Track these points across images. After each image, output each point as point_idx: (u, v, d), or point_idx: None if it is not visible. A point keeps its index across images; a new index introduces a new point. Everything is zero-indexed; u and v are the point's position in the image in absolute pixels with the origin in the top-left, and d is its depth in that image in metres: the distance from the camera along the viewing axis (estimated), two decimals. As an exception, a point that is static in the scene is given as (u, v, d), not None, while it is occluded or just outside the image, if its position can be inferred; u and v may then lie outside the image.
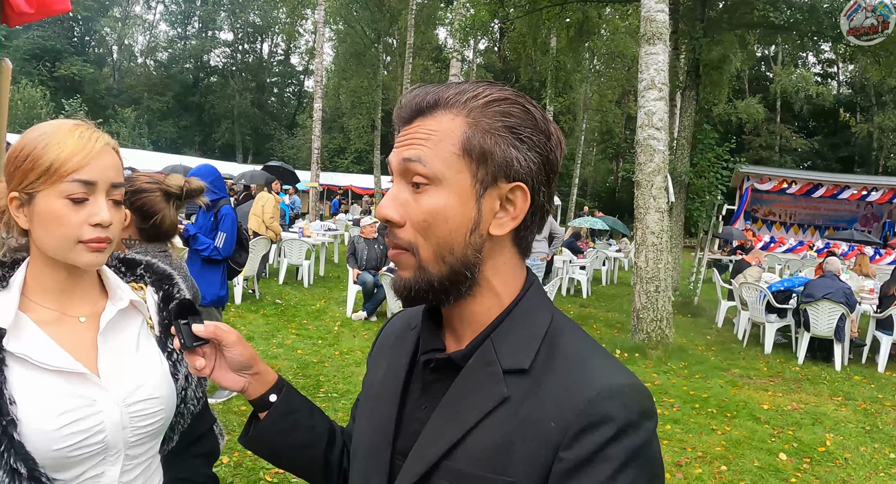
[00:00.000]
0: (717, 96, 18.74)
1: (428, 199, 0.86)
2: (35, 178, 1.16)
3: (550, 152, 0.89)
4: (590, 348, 0.89)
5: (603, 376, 0.83)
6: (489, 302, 0.92)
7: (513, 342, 0.88)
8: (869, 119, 37.95)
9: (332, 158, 43.88)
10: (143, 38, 57.74)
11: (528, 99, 0.90)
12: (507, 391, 0.85)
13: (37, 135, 1.18)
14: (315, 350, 7.56)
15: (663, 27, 8.27)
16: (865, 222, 23.34)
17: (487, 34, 21.67)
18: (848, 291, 8.39)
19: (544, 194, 0.90)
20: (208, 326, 1.08)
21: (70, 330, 1.23)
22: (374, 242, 9.68)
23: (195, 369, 1.09)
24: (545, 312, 0.92)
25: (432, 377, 0.95)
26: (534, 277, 0.96)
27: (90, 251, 1.18)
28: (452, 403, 0.89)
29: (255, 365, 1.11)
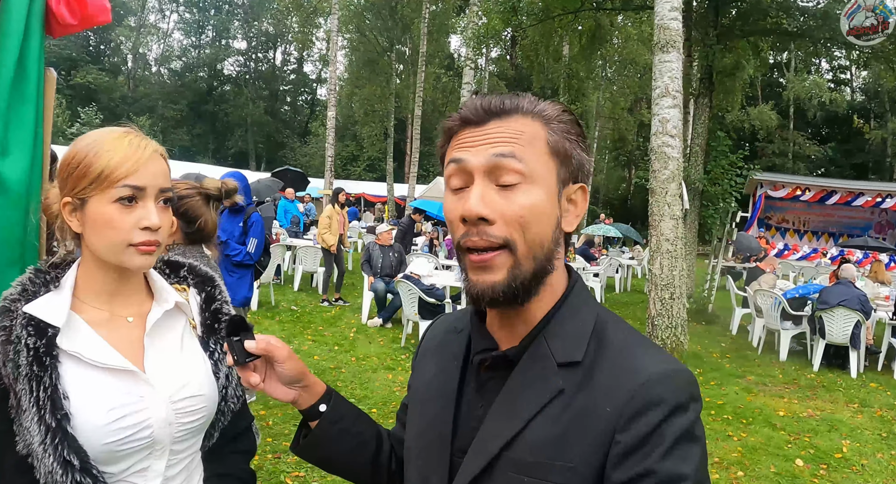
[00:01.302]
0: (730, 103, 18.73)
1: (523, 196, 0.90)
2: (87, 183, 1.21)
3: (589, 157, 0.99)
4: (635, 339, 0.95)
5: (652, 363, 0.89)
6: (547, 298, 0.97)
7: (564, 337, 0.94)
8: (883, 125, 37.72)
9: (345, 166, 44.02)
10: (157, 46, 58.29)
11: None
12: (561, 383, 0.90)
13: (88, 142, 1.24)
14: (331, 356, 7.63)
15: (677, 35, 8.30)
16: (880, 229, 23.17)
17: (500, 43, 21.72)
18: (863, 297, 8.37)
19: (586, 195, 0.99)
20: (260, 343, 1.11)
21: (119, 330, 1.28)
22: (390, 250, 9.74)
23: (249, 384, 1.13)
24: (591, 306, 0.99)
25: (487, 376, 1.00)
26: (578, 276, 1.02)
27: (140, 254, 1.23)
28: (509, 397, 0.94)
29: (305, 378, 1.16)
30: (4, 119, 1.91)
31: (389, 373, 7.12)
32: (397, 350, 8.12)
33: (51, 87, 2.10)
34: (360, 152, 42.61)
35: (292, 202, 15.88)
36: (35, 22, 1.99)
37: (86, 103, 41.45)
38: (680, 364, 0.92)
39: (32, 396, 1.15)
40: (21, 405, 1.16)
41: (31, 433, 1.15)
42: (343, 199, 11.19)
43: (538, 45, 20.27)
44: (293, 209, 15.67)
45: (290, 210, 15.57)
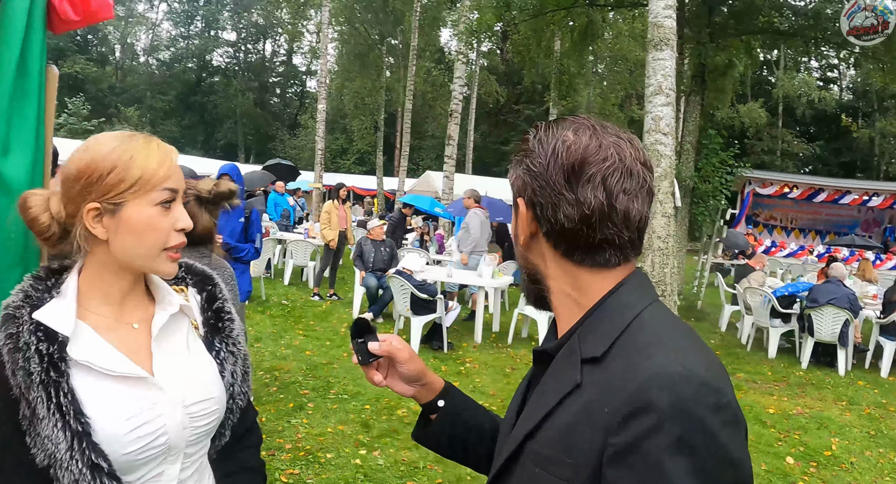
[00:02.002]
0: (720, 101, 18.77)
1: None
2: (125, 188, 1.19)
3: (539, 167, 0.99)
4: (666, 336, 0.90)
5: (659, 363, 0.83)
6: (568, 304, 1.02)
7: (594, 334, 0.95)
8: (870, 124, 37.95)
9: (335, 159, 43.89)
10: (145, 36, 57.89)
11: (541, 125, 1.04)
12: (579, 378, 0.91)
13: (113, 147, 1.21)
14: (323, 351, 7.62)
15: (671, 33, 8.30)
16: (866, 227, 23.34)
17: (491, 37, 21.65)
18: (852, 296, 8.44)
19: (544, 205, 0.99)
20: (383, 345, 1.22)
21: (125, 336, 1.27)
22: (382, 245, 9.72)
23: (373, 382, 1.25)
24: (636, 304, 0.96)
25: (539, 369, 1.06)
26: (630, 280, 1.00)
27: (170, 261, 1.26)
28: (541, 389, 1.00)
29: (424, 376, 1.28)
30: (6, 117, 1.88)
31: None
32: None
33: (52, 84, 2.07)
34: (349, 145, 42.45)
35: (282, 195, 15.80)
36: (37, 18, 1.96)
37: (73, 94, 41.04)
38: (700, 367, 0.84)
39: (52, 403, 1.13)
40: (37, 414, 1.13)
41: (55, 441, 1.13)
42: (344, 195, 11.14)
43: (530, 41, 20.21)
44: (283, 202, 15.59)
45: (280, 203, 15.49)
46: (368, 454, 4.80)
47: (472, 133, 34.91)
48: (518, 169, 1.03)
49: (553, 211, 0.97)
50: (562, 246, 1.00)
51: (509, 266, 10.76)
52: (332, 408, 5.76)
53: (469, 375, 7.19)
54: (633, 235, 0.99)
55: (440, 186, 18.98)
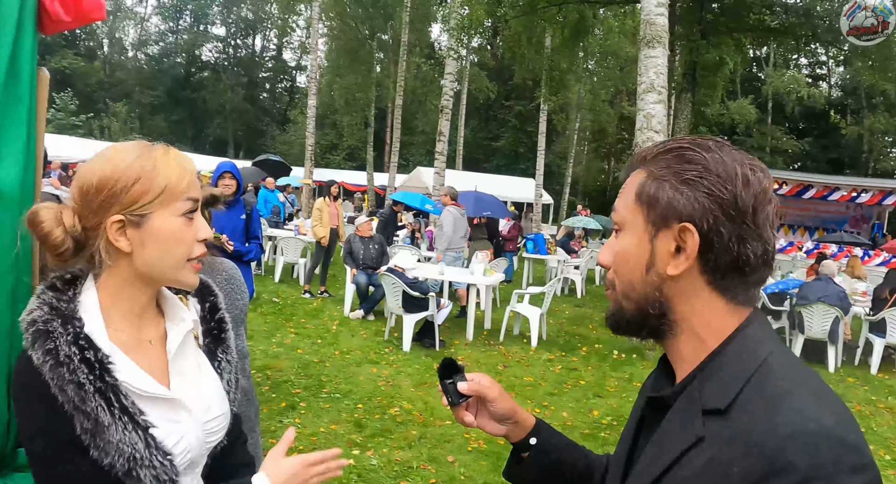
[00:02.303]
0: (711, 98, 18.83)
1: (618, 242, 0.99)
2: (151, 198, 1.18)
3: (727, 193, 0.89)
4: (797, 387, 0.83)
5: (795, 420, 0.77)
6: (694, 343, 0.94)
7: (717, 382, 0.87)
8: (859, 121, 38.13)
9: (325, 155, 43.76)
10: (134, 31, 57.51)
11: (712, 145, 0.93)
12: (702, 431, 0.84)
13: (135, 157, 1.20)
14: (315, 350, 7.59)
15: (663, 31, 8.31)
16: (855, 224, 23.45)
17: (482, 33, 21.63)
18: (842, 294, 8.49)
19: (729, 236, 0.89)
20: (472, 386, 1.21)
21: (145, 354, 1.25)
22: (370, 241, 9.69)
23: (463, 423, 1.24)
24: (761, 350, 0.89)
25: (654, 417, 0.99)
26: (755, 320, 0.94)
27: (194, 271, 1.26)
28: (658, 440, 0.93)
29: (515, 415, 1.25)
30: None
31: (374, 367, 7.10)
32: (380, 343, 8.09)
33: (44, 88, 2.04)
34: (339, 141, 42.36)
35: (272, 192, 15.73)
36: (28, 19, 1.92)
37: (61, 89, 40.77)
38: (839, 423, 0.78)
39: (115, 408, 1.13)
40: (101, 423, 1.11)
41: (131, 442, 1.13)
42: (336, 192, 11.09)
43: (520, 37, 20.20)
44: (273, 199, 15.52)
45: (270, 200, 15.42)
46: (362, 454, 4.79)
47: (463, 129, 34.86)
48: (691, 191, 0.90)
49: (739, 244, 0.89)
50: (722, 282, 0.92)
51: (500, 263, 10.77)
52: (325, 407, 5.74)
53: (461, 373, 7.18)
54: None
55: (431, 182, 18.95)
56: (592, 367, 7.78)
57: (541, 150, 25.80)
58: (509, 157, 42.10)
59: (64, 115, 38.47)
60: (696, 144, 0.93)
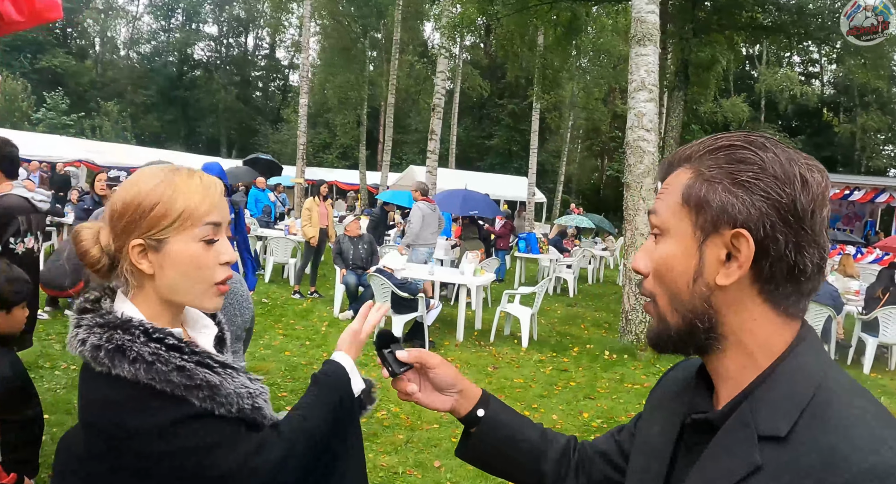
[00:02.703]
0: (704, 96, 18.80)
1: (659, 248, 0.90)
2: (169, 223, 1.20)
3: (785, 196, 0.81)
4: (863, 414, 0.77)
5: (869, 450, 0.72)
6: (742, 360, 0.87)
7: (772, 405, 0.81)
8: (852, 119, 38.27)
9: (318, 154, 43.67)
10: (125, 30, 57.28)
11: (766, 143, 0.86)
12: (760, 459, 0.78)
13: (157, 183, 1.22)
14: (303, 352, 7.50)
15: (654, 28, 8.25)
16: (847, 221, 23.50)
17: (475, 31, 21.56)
18: (835, 293, 8.44)
19: (786, 243, 0.82)
20: (412, 352, 1.19)
21: None
22: (359, 241, 9.60)
23: (406, 395, 1.20)
24: (816, 371, 0.83)
25: (695, 439, 0.91)
26: (807, 335, 0.87)
27: (218, 295, 1.26)
28: (707, 465, 0.85)
29: (459, 382, 1.20)
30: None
31: (362, 369, 6.91)
32: (369, 345, 7.88)
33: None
34: (332, 140, 42.30)
35: (263, 191, 15.63)
36: (-22, 17, 1.83)
37: (52, 88, 40.63)
38: None
39: (216, 366, 1.21)
40: (213, 384, 1.19)
41: (242, 383, 1.24)
42: (325, 191, 11.00)
43: (513, 35, 20.15)
44: (264, 199, 15.43)
45: (260, 199, 15.33)
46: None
47: (456, 127, 34.80)
48: (747, 194, 0.82)
49: (796, 252, 0.82)
50: (775, 292, 0.84)
51: (491, 263, 10.70)
52: (311, 410, 5.65)
53: (451, 374, 7.10)
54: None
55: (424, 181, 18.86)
56: (583, 368, 7.71)
57: (533, 148, 25.75)
58: (503, 155, 42.09)
59: (55, 114, 38.31)
60: (750, 142, 0.86)
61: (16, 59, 43.40)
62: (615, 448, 1.18)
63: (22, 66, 43.35)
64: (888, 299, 8.45)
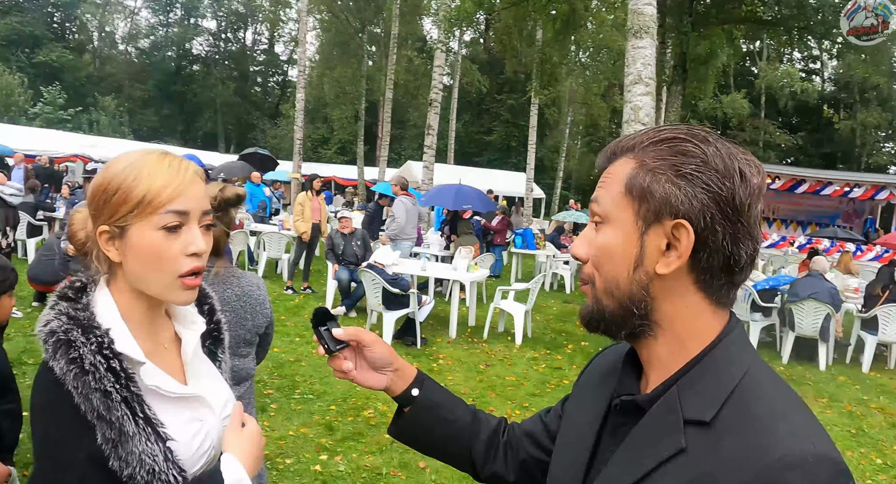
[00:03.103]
0: (703, 92, 18.64)
1: (600, 236, 0.92)
2: (128, 210, 1.13)
3: (725, 189, 0.83)
4: (785, 406, 0.81)
5: (789, 441, 0.75)
6: (673, 346, 0.90)
7: (698, 392, 0.84)
8: (852, 116, 38.12)
9: (316, 149, 43.54)
10: (124, 24, 57.02)
11: (708, 137, 0.88)
12: (684, 442, 0.81)
13: (124, 166, 1.16)
14: (292, 348, 7.37)
15: (651, 21, 8.10)
16: (847, 218, 23.38)
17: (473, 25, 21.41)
18: (834, 291, 8.30)
19: (724, 235, 0.84)
20: (348, 329, 1.17)
21: (163, 358, 1.25)
22: (352, 237, 9.46)
23: (342, 372, 1.17)
24: (742, 361, 0.86)
25: (621, 420, 0.94)
26: (735, 326, 0.90)
27: (185, 289, 1.18)
28: (632, 446, 0.88)
29: (395, 361, 1.20)
30: None
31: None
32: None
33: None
34: (330, 135, 42.14)
35: (258, 186, 15.47)
36: None
37: (49, 82, 40.44)
38: (831, 448, 0.77)
39: (140, 418, 1.12)
40: (125, 432, 1.10)
41: (152, 453, 1.12)
42: (318, 186, 10.84)
43: (511, 29, 20.04)
44: (259, 194, 15.28)
45: (256, 194, 15.17)
46: (330, 460, 4.57)
47: (454, 123, 34.64)
48: (689, 186, 0.84)
49: (733, 244, 0.85)
50: (710, 282, 0.87)
51: (486, 258, 10.57)
52: (297, 409, 5.53)
53: (441, 372, 6.98)
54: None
55: (420, 176, 18.73)
56: (577, 366, 7.58)
57: (531, 143, 25.62)
58: (501, 151, 41.96)
59: (52, 109, 38.16)
60: (692, 135, 0.88)
61: (13, 53, 43.21)
62: (542, 429, 1.22)
63: (19, 61, 43.16)
64: (888, 297, 8.31)
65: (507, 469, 1.22)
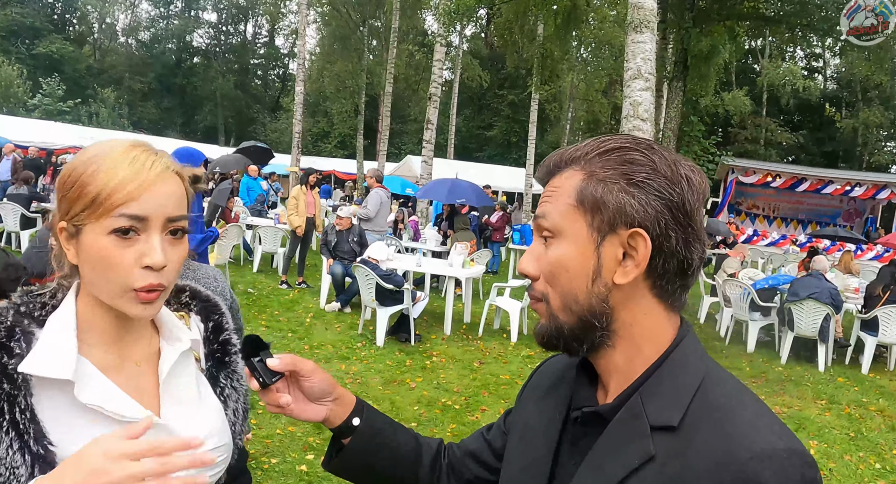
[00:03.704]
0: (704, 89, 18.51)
1: (552, 251, 0.90)
2: (80, 209, 0.99)
3: (676, 195, 0.85)
4: (746, 405, 0.83)
5: (759, 438, 0.77)
6: (631, 353, 0.89)
7: (662, 397, 0.84)
8: (854, 115, 37.95)
9: (316, 143, 43.43)
10: (124, 16, 56.85)
11: (652, 145, 0.88)
12: (653, 449, 0.81)
13: (87, 158, 1.02)
14: (285, 344, 7.28)
15: (651, 15, 7.98)
16: (848, 218, 23.31)
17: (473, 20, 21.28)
18: (834, 291, 8.21)
19: (677, 239, 0.85)
20: (284, 359, 1.05)
21: (130, 376, 1.10)
22: (348, 234, 9.35)
23: (278, 407, 1.07)
24: (699, 364, 0.87)
25: (581, 431, 0.93)
26: (688, 329, 0.91)
27: (140, 302, 1.01)
28: (599, 457, 0.87)
29: (334, 390, 1.12)
30: None
31: (343, 363, 6.80)
32: (354, 338, 7.79)
33: None
34: (330, 129, 42.03)
35: (255, 180, 15.37)
36: None
37: (49, 74, 40.34)
38: (796, 441, 0.79)
39: (4, 420, 0.94)
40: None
41: (13, 464, 0.93)
42: (313, 181, 10.72)
43: (512, 24, 19.88)
44: (256, 187, 15.17)
45: (253, 188, 15.07)
46: (316, 460, 4.47)
47: (455, 117, 34.52)
48: (643, 194, 0.85)
49: (685, 248, 0.86)
50: (666, 288, 0.88)
51: (483, 254, 10.48)
52: (286, 406, 5.44)
53: (434, 369, 6.89)
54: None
55: (419, 171, 18.64)
56: (573, 364, 7.49)
57: (532, 139, 25.52)
58: (502, 146, 41.84)
59: (51, 100, 38.05)
60: (638, 143, 0.89)
61: (13, 44, 43.08)
62: (485, 447, 1.18)
63: (19, 52, 43.03)
64: (888, 298, 8.21)
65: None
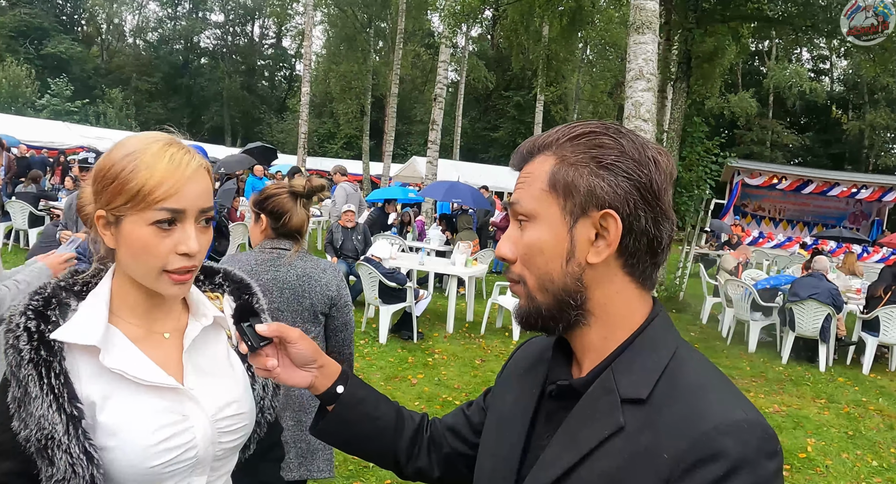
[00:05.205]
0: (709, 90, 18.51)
1: (527, 234, 0.95)
2: (123, 202, 1.12)
3: (644, 177, 0.89)
4: (712, 380, 0.88)
5: (721, 410, 0.82)
6: (605, 331, 0.94)
7: (633, 371, 0.89)
8: (861, 117, 37.85)
9: (322, 143, 43.52)
10: (132, 17, 57.05)
11: (620, 129, 0.93)
12: (623, 420, 0.85)
13: (125, 154, 1.14)
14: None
15: (653, 16, 8.04)
16: (854, 220, 23.23)
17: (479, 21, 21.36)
18: (835, 291, 8.23)
19: (646, 219, 0.90)
20: (271, 325, 1.12)
21: (156, 346, 1.24)
22: (353, 232, 9.42)
23: (266, 371, 1.12)
24: (669, 342, 0.92)
25: (556, 405, 0.97)
26: (660, 308, 0.96)
27: (174, 283, 1.16)
28: (571, 429, 0.91)
29: (320, 357, 1.16)
30: None
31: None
32: (357, 335, 7.84)
33: None
34: (336, 130, 42.10)
35: (261, 180, 15.43)
36: None
37: (56, 74, 40.53)
38: (757, 414, 0.83)
39: (44, 382, 1.09)
40: (29, 393, 1.09)
41: (52, 421, 1.08)
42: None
43: (517, 25, 19.94)
44: (261, 187, 15.21)
45: (257, 188, 15.11)
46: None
47: (460, 119, 34.57)
48: (613, 176, 0.89)
49: (655, 227, 0.91)
50: (637, 267, 0.93)
51: (486, 254, 10.52)
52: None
53: (436, 366, 6.94)
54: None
55: (424, 172, 18.69)
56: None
57: (537, 141, 25.52)
58: (507, 147, 41.79)
59: (59, 100, 38.22)
60: (607, 128, 0.93)
61: (21, 44, 43.29)
62: (464, 422, 1.23)
63: (27, 52, 43.23)
64: (889, 298, 8.23)
65: (432, 465, 1.23)
